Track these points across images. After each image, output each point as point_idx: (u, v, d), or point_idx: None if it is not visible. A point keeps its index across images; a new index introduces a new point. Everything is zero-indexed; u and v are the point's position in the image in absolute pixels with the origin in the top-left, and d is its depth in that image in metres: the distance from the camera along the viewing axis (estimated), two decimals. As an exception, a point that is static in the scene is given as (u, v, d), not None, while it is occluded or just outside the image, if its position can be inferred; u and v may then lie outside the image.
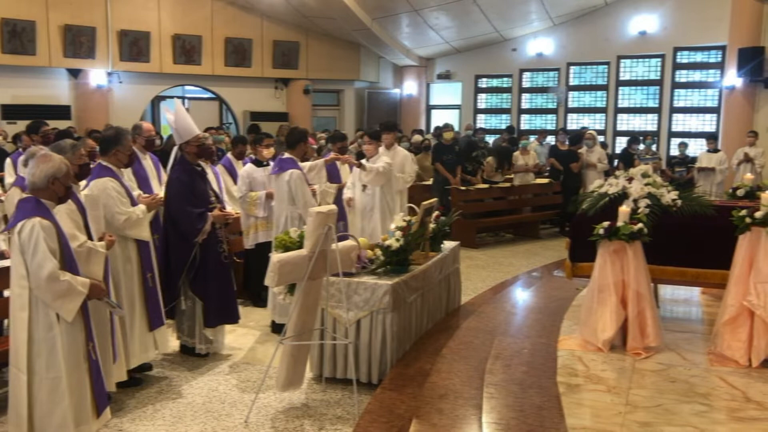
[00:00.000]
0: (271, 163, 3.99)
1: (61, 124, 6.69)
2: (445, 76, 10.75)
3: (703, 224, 2.93)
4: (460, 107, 10.86)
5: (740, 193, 3.45)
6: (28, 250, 2.05)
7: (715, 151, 7.24)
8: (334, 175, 4.54)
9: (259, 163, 4.03)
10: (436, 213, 3.48)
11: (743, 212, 2.66)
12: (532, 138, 8.26)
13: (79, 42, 7.97)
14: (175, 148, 3.27)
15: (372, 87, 10.78)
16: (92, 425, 2.19)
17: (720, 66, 8.70)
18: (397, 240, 2.97)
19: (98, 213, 2.69)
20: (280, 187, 3.56)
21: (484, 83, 10.70)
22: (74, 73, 8.23)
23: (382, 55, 10.48)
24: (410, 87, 10.88)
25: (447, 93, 11.00)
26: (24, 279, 2.08)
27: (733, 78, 7.96)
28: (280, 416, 2.63)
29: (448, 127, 6.92)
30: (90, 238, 2.45)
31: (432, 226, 3.38)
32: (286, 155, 3.63)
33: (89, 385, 2.18)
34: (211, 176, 3.69)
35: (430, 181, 6.71)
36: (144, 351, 2.93)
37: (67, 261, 2.13)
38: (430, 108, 11.19)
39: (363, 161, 4.28)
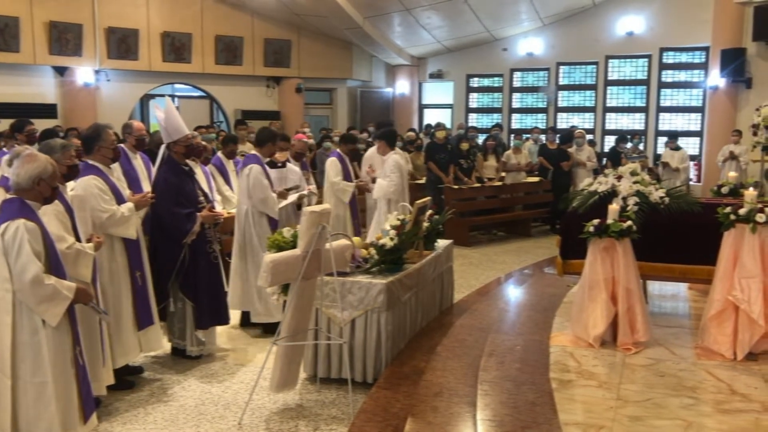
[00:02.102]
0: (288, 165, 3.98)
1: (47, 123, 6.54)
2: (437, 76, 10.78)
3: (689, 221, 3.00)
4: (452, 106, 10.90)
5: (725, 190, 3.55)
6: (11, 252, 2.01)
7: (677, 149, 7.49)
8: (346, 174, 4.54)
9: (272, 164, 3.94)
10: (429, 212, 3.50)
11: (728, 209, 2.73)
12: (527, 137, 8.34)
13: (65, 39, 7.80)
14: (162, 147, 3.23)
15: (364, 86, 10.76)
16: (79, 431, 2.15)
17: (704, 66, 8.87)
18: (392, 239, 2.98)
19: (86, 214, 2.65)
20: (241, 182, 3.62)
21: (475, 83, 10.75)
22: (60, 70, 8.05)
23: (374, 54, 10.46)
24: (402, 86, 10.88)
25: (439, 92, 11.03)
26: (7, 282, 2.04)
27: (716, 78, 8.12)
28: (275, 417, 2.62)
29: (440, 126, 6.95)
30: (78, 239, 2.41)
31: (426, 224, 3.40)
32: (252, 152, 3.69)
33: (76, 390, 2.14)
34: (201, 175, 3.66)
35: (423, 180, 6.74)
36: (127, 353, 2.88)
37: (53, 264, 2.09)
38: (422, 107, 11.21)
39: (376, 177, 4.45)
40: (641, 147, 7.97)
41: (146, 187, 3.33)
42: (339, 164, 4.50)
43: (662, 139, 8.76)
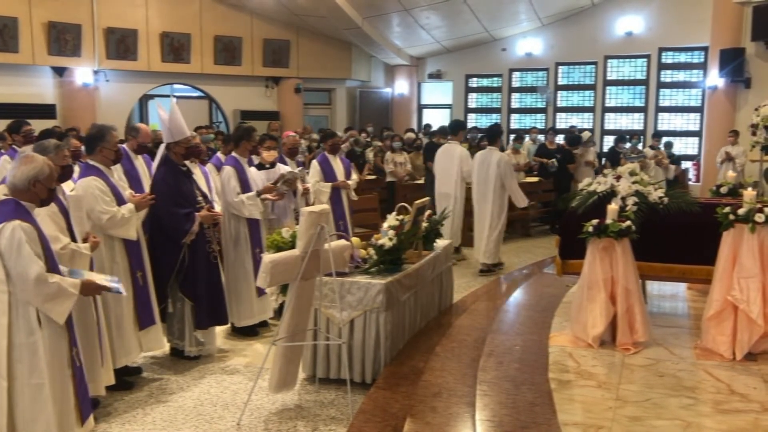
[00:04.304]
0: (277, 165, 3.97)
1: (46, 124, 6.53)
2: (436, 76, 10.79)
3: (688, 221, 3.00)
4: (451, 106, 10.91)
5: (724, 190, 3.55)
6: (10, 253, 2.00)
7: (656, 148, 7.79)
8: (329, 174, 4.55)
9: (261, 166, 3.94)
10: (428, 212, 3.50)
11: (727, 209, 2.73)
12: (527, 138, 8.38)
13: (64, 39, 7.79)
14: (161, 147, 3.22)
15: (363, 86, 10.76)
16: None
17: (703, 66, 8.89)
18: (390, 239, 2.97)
19: (81, 214, 2.64)
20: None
21: (474, 83, 10.77)
22: (59, 71, 8.04)
23: (373, 54, 10.47)
24: (401, 86, 10.89)
25: (438, 92, 11.04)
26: (3, 283, 2.02)
27: (715, 78, 8.13)
28: (273, 418, 2.62)
29: (443, 131, 6.99)
30: (74, 239, 2.40)
31: (424, 224, 3.40)
32: (232, 154, 3.74)
33: (73, 391, 2.13)
34: (199, 175, 3.66)
35: (422, 180, 6.74)
36: (128, 353, 2.88)
37: (50, 265, 2.08)
38: (421, 107, 11.22)
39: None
40: (640, 147, 8.00)
41: (147, 187, 3.32)
42: (318, 166, 4.53)
43: (662, 139, 8.80)
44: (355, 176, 4.77)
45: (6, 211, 2.06)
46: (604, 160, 7.69)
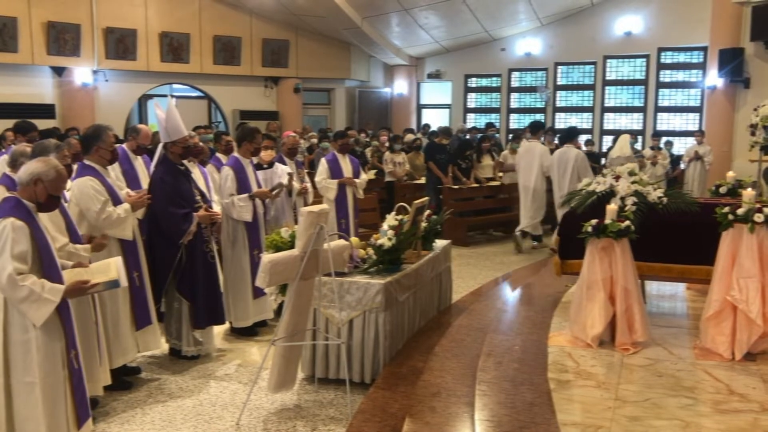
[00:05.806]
0: (276, 165, 3.97)
1: (45, 124, 6.53)
2: (435, 76, 10.79)
3: (688, 221, 3.00)
4: (450, 106, 10.92)
5: (723, 190, 3.55)
6: None
7: (657, 148, 7.97)
8: (336, 173, 4.55)
9: (259, 166, 3.94)
10: (427, 212, 3.50)
11: (726, 209, 2.73)
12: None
13: (63, 39, 7.79)
14: (159, 146, 3.22)
15: (363, 86, 10.77)
16: None
17: (702, 66, 8.91)
18: (390, 239, 2.97)
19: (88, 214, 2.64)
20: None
21: (473, 83, 10.77)
22: (58, 71, 8.04)
23: (372, 54, 10.47)
24: (401, 86, 10.90)
25: (437, 92, 11.05)
26: None
27: (714, 78, 8.14)
28: (272, 418, 2.61)
29: (447, 131, 7.03)
30: (78, 240, 2.40)
31: (424, 224, 3.40)
32: (234, 154, 3.78)
33: (69, 394, 2.10)
34: (198, 175, 3.65)
35: (422, 180, 6.75)
36: (125, 353, 2.88)
37: (46, 264, 2.06)
38: (420, 107, 11.23)
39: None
40: (638, 147, 8.01)
41: (146, 187, 3.32)
42: (326, 164, 4.53)
43: (661, 139, 8.82)
44: (364, 176, 4.78)
45: (6, 207, 2.06)
46: (603, 160, 7.70)
